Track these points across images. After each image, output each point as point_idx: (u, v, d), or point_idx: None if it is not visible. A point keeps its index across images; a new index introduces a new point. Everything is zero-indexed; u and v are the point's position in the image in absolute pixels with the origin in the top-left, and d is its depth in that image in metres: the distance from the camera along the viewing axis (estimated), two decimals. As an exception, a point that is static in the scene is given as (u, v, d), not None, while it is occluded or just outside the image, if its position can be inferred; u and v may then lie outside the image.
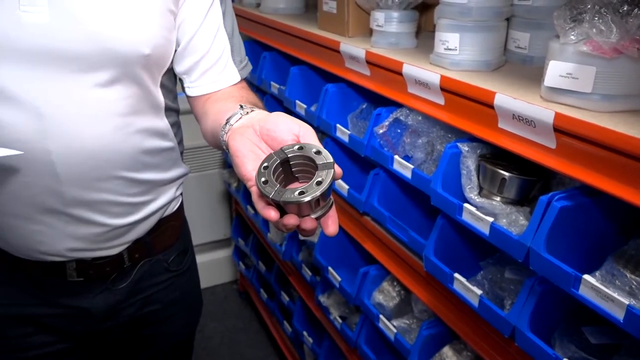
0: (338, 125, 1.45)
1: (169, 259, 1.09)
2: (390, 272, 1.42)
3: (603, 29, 0.78)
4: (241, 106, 0.78)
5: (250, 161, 0.65)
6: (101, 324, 1.03)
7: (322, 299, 1.73)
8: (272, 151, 0.65)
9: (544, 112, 0.85)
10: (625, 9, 0.78)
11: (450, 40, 1.09)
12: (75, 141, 0.84)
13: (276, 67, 1.93)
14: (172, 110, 0.99)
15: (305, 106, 1.62)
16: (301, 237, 1.85)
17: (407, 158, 1.27)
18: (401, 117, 1.24)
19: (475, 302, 1.03)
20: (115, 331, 1.06)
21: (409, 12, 1.29)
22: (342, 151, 1.57)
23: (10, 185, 0.86)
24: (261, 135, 0.68)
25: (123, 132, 0.88)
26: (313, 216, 0.61)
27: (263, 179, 0.60)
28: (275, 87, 1.83)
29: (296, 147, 0.63)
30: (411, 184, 1.20)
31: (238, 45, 0.98)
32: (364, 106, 1.51)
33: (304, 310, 2.01)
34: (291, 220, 0.60)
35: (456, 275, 1.07)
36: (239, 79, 0.96)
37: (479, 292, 1.02)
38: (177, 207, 1.08)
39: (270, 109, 1.95)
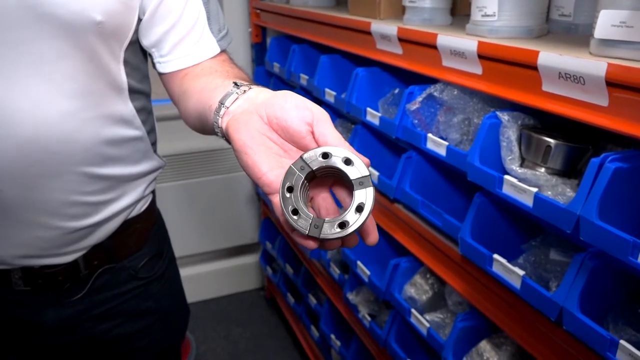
0: (368, 108, 1.39)
1: (137, 266, 0.96)
2: (422, 264, 1.34)
3: (662, -33, 0.71)
4: (235, 83, 0.65)
5: (264, 159, 0.54)
6: (58, 338, 0.91)
7: (351, 296, 1.65)
8: (285, 143, 0.56)
9: (595, 64, 0.77)
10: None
11: (489, 6, 1.02)
12: (13, 130, 0.70)
13: (306, 59, 1.89)
14: (138, 93, 0.86)
15: (334, 93, 1.57)
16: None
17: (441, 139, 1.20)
18: (435, 94, 1.17)
19: (517, 284, 0.94)
20: (77, 346, 0.94)
21: (443, -14, 1.24)
22: (373, 136, 1.51)
23: None
24: (270, 123, 0.56)
25: (76, 119, 0.75)
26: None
27: (291, 208, 0.51)
28: (304, 79, 1.78)
29: (319, 154, 0.52)
30: (446, 163, 1.13)
31: (215, 11, 0.85)
32: (395, 91, 1.44)
33: (332, 312, 1.93)
34: (334, 245, 0.54)
35: (495, 256, 0.99)
36: (218, 50, 0.82)
37: (521, 272, 0.93)
38: (145, 207, 0.95)
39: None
